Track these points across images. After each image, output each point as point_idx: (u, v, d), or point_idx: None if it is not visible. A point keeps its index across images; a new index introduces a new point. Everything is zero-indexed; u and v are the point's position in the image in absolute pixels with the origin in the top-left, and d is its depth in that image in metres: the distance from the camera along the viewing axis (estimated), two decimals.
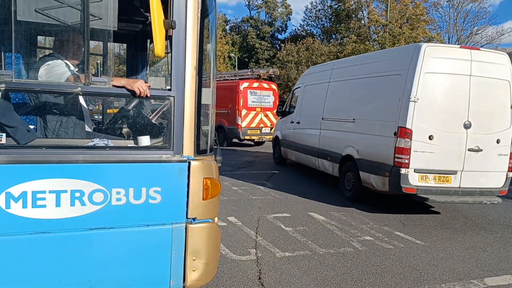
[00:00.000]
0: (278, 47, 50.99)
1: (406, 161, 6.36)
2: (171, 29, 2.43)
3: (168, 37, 2.47)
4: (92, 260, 2.41)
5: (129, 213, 2.45)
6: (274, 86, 16.93)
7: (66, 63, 2.82)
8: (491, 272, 4.45)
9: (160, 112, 2.92)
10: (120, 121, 3.05)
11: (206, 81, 2.80)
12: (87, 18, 2.30)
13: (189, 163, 2.56)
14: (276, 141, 12.26)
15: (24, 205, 2.20)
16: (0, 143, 2.24)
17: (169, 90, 2.53)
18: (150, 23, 2.37)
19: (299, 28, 55.81)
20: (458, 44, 33.90)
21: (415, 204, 7.72)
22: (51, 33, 3.18)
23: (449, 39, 34.89)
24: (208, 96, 2.89)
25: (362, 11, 39.82)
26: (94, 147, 2.47)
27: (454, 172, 6.53)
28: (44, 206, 2.25)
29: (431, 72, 6.38)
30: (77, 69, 2.85)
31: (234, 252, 4.68)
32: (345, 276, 4.16)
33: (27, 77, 2.79)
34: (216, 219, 2.84)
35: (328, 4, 47.15)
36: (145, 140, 2.59)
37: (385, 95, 7.03)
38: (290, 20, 58.90)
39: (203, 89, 2.66)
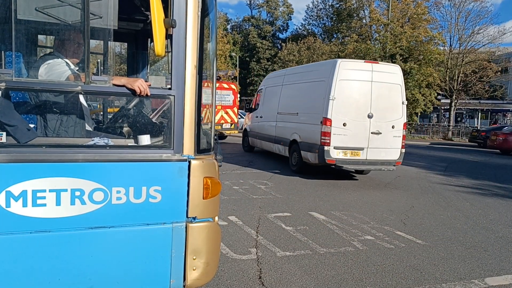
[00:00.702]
0: (279, 47, 51.00)
1: (328, 141, 9.12)
2: (171, 28, 2.42)
3: (169, 36, 2.46)
4: (92, 259, 2.40)
5: (129, 212, 2.45)
6: (233, 86, 18.81)
7: (67, 62, 2.82)
8: (492, 272, 4.44)
9: (161, 111, 2.92)
10: (120, 120, 3.04)
11: (206, 80, 2.80)
12: (88, 17, 2.29)
13: (190, 162, 2.55)
14: (245, 132, 15.22)
15: (24, 204, 2.20)
16: (0, 141, 2.24)
17: (169, 89, 2.52)
18: (150, 22, 2.36)
19: (300, 27, 55.89)
20: (459, 43, 33.82)
21: (416, 204, 7.72)
22: (52, 32, 3.18)
23: (450, 39, 34.81)
24: (209, 95, 2.89)
25: (363, 10, 39.78)
26: (94, 146, 2.46)
27: (362, 149, 9.32)
28: (44, 205, 2.24)
29: (344, 79, 9.17)
30: (77, 68, 2.85)
31: (235, 251, 4.68)
32: (346, 276, 4.16)
33: (28, 76, 2.79)
34: (216, 218, 2.84)
35: (330, 3, 47.12)
36: (145, 139, 2.59)
37: (315, 95, 9.73)
38: (291, 19, 58.93)
39: (204, 88, 2.66)
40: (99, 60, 3.06)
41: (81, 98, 2.89)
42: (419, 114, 35.67)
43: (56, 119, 2.74)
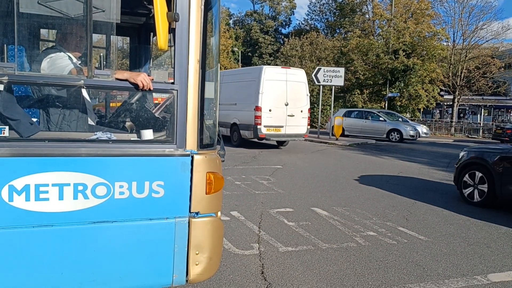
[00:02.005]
0: (281, 42, 50.79)
1: (260, 122, 13.66)
2: (174, 22, 2.41)
3: (171, 30, 2.44)
4: (95, 254, 2.40)
5: (132, 207, 2.45)
6: None
7: (69, 56, 2.81)
8: (495, 268, 4.43)
9: (163, 106, 2.91)
10: (123, 115, 3.03)
11: (209, 74, 2.78)
12: (90, 10, 2.28)
13: (192, 157, 2.55)
14: None
15: (27, 198, 2.20)
16: (3, 136, 2.23)
17: (172, 83, 2.51)
18: (153, 15, 2.34)
19: (303, 22, 55.66)
20: (463, 39, 33.65)
21: (418, 199, 7.71)
22: (54, 26, 3.17)
23: (454, 34, 34.63)
24: (212, 90, 2.88)
25: (366, 5, 39.58)
26: (97, 141, 2.46)
27: (282, 126, 14.06)
28: (47, 199, 2.24)
29: (268, 79, 13.71)
30: (80, 62, 2.84)
31: (237, 246, 4.69)
32: (348, 271, 4.16)
33: (30, 70, 2.78)
34: (219, 213, 2.84)
35: None
36: (148, 134, 2.58)
37: (250, 90, 14.06)
38: (294, 14, 58.81)
39: (207, 83, 2.65)
40: (101, 54, 3.05)
41: (84, 92, 2.88)
42: (422, 110, 35.57)
43: (59, 113, 2.73)
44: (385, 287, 3.85)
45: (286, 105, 13.92)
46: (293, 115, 14.08)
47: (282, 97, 13.89)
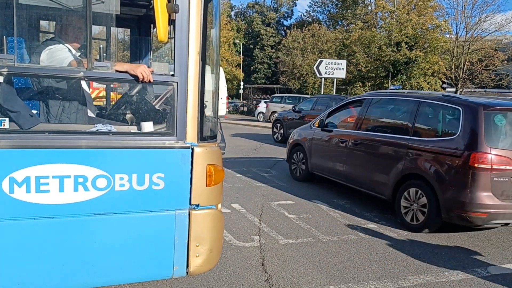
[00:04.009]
0: (283, 34, 50.58)
1: None
2: (174, 13, 2.39)
3: (171, 22, 2.43)
4: (96, 246, 2.42)
5: (133, 199, 2.45)
6: None
7: (68, 48, 2.80)
8: (495, 261, 4.44)
9: (164, 98, 2.90)
10: (123, 107, 3.03)
11: (210, 66, 2.77)
12: (90, 2, 2.27)
13: (193, 149, 2.55)
14: None
15: (28, 190, 2.21)
16: (3, 128, 2.24)
17: (172, 75, 2.50)
18: (153, 7, 2.33)
19: (305, 14, 55.34)
20: (466, 31, 33.39)
21: None
22: (53, 17, 3.16)
23: (457, 26, 34.30)
24: (212, 82, 2.87)
25: None
26: (97, 133, 2.46)
27: None
28: (48, 191, 2.25)
29: None
30: (79, 54, 2.83)
31: (238, 238, 4.70)
32: (348, 264, 4.17)
33: (30, 62, 2.78)
34: (219, 205, 2.84)
35: None
36: (148, 126, 2.58)
37: None
38: (296, 6, 58.39)
39: (207, 75, 2.64)
40: (101, 46, 3.04)
41: (84, 84, 2.87)
42: None
43: (59, 105, 2.73)
44: (385, 279, 3.87)
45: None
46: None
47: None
